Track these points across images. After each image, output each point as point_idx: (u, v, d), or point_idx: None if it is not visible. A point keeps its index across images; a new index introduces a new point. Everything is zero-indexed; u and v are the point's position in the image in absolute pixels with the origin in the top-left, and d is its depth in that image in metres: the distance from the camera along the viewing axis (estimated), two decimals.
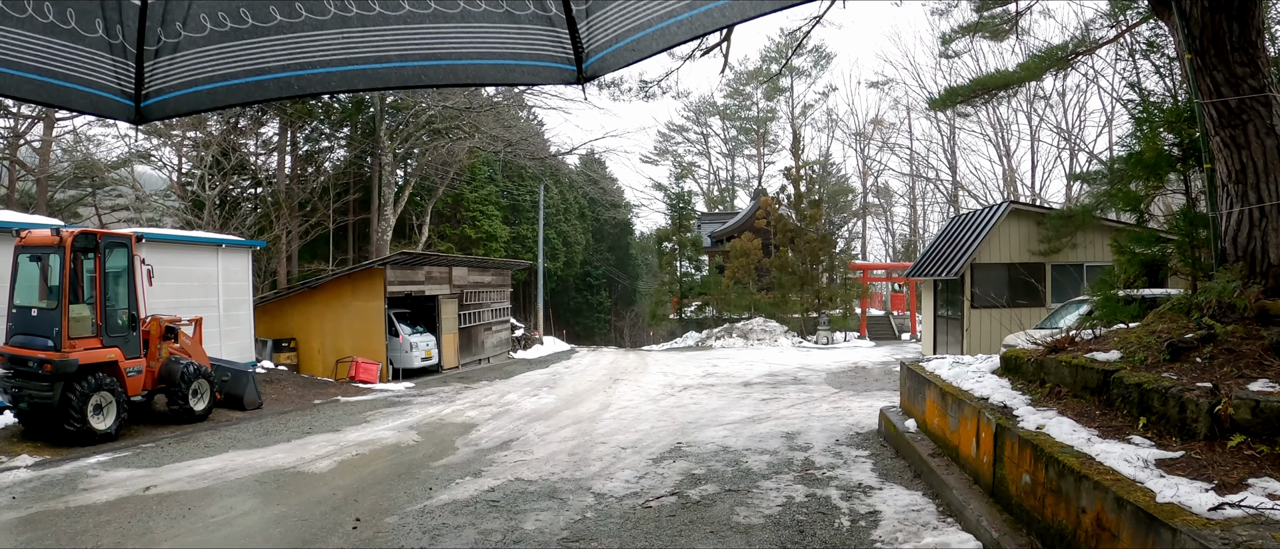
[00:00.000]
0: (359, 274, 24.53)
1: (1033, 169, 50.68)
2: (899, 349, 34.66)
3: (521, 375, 25.04)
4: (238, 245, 22.04)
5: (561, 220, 54.46)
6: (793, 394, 18.10)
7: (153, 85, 3.66)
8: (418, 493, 9.44)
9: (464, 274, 29.22)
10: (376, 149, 36.47)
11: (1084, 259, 22.23)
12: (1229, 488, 4.89)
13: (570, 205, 57.05)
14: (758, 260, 43.04)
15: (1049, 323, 17.36)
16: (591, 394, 19.32)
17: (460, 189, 44.04)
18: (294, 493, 9.72)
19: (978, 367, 10.32)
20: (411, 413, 16.68)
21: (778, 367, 25.64)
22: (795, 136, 46.97)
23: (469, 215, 44.85)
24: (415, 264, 25.85)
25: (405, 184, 39.94)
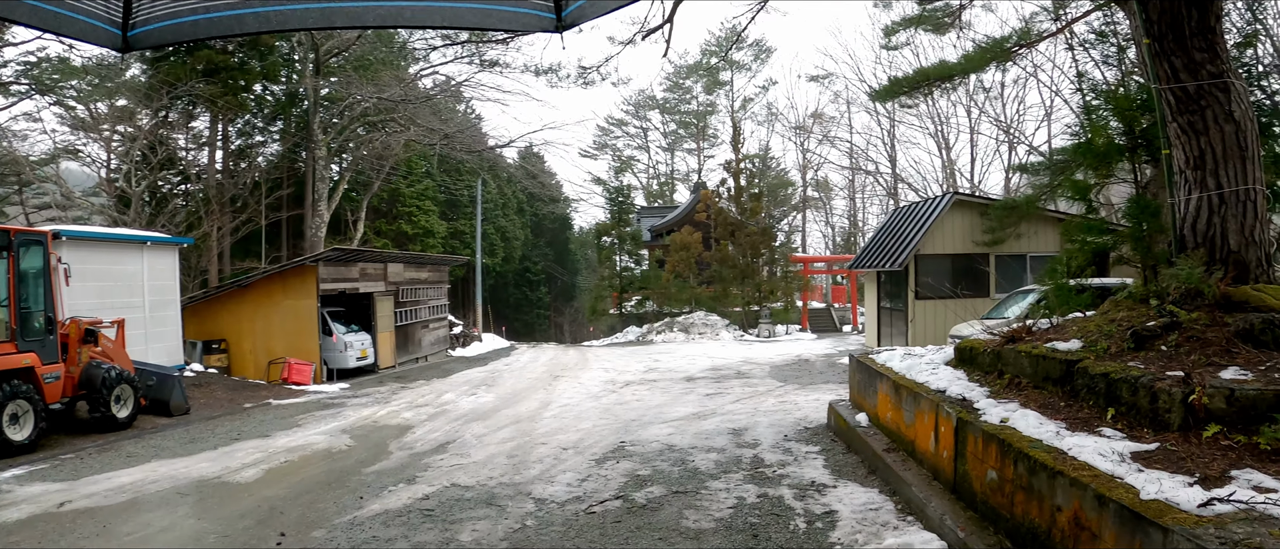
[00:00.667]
0: (290, 272, 23.73)
1: (972, 162, 51.40)
2: (841, 341, 34.57)
3: (460, 374, 24.44)
4: (164, 242, 21.15)
5: (500, 215, 53.87)
6: (737, 389, 17.78)
7: (139, 15, 3.79)
8: (348, 503, 8.87)
9: (400, 271, 28.51)
10: (310, 143, 35.56)
11: (1028, 249, 22.23)
12: (1213, 481, 4.62)
13: (509, 200, 56.45)
14: (698, 254, 42.80)
15: (996, 313, 17.26)
16: (531, 392, 18.81)
17: (396, 184, 43.23)
18: (217, 506, 9.08)
19: (931, 358, 10.05)
20: (345, 415, 16.01)
21: (720, 361, 25.37)
22: (735, 129, 46.78)
23: (405, 211, 44.06)
24: (349, 260, 25.10)
25: (340, 179, 39.01)
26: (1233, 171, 7.48)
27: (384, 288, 26.94)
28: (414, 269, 30.05)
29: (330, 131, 36.59)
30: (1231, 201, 7.47)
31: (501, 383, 21.20)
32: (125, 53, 4.00)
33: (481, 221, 45.79)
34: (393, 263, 28.07)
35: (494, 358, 31.00)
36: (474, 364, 28.28)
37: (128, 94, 31.77)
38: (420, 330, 30.16)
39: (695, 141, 74.27)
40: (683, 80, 73.36)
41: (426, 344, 30.65)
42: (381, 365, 26.08)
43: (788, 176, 68.05)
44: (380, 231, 42.89)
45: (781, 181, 65.72)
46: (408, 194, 44.00)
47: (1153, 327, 6.87)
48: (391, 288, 27.51)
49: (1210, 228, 7.56)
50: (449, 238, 47.31)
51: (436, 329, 32.13)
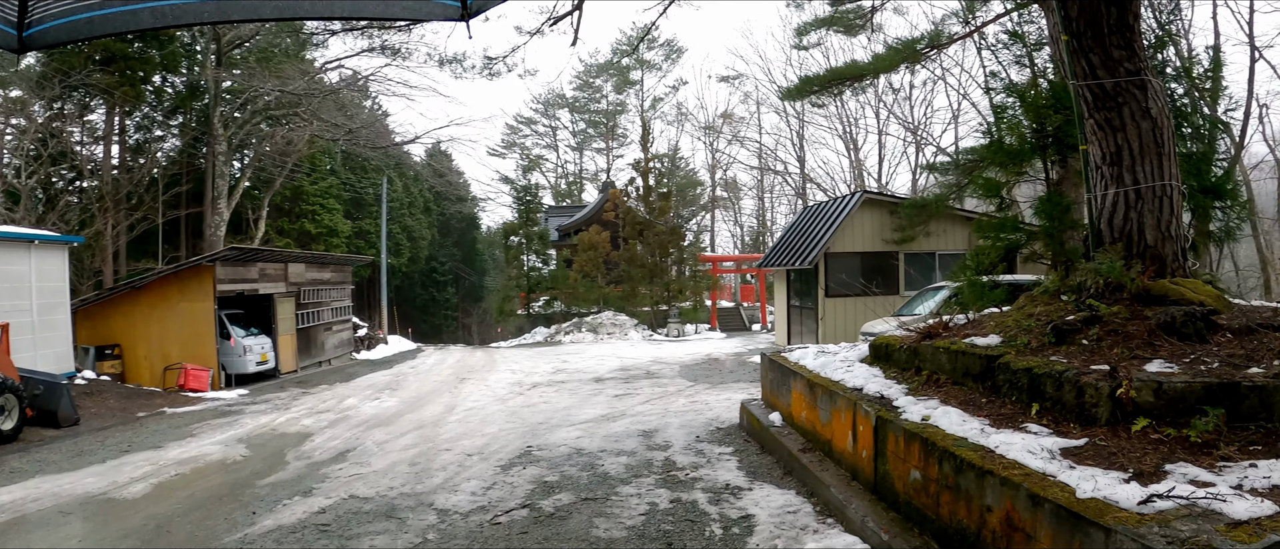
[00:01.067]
0: (186, 272, 22.63)
1: (880, 162, 51.88)
2: (750, 340, 34.58)
3: (364, 377, 23.66)
4: (54, 241, 19.87)
5: (406, 214, 52.83)
6: (647, 389, 17.46)
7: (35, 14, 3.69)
8: (239, 519, 8.22)
9: (301, 271, 27.58)
10: (210, 137, 34.27)
11: (937, 247, 22.38)
12: (1148, 477, 4.42)
13: (415, 199, 55.43)
14: (606, 253, 42.47)
15: (907, 309, 17.27)
16: (436, 396, 18.19)
17: (300, 181, 41.95)
18: (102, 525, 8.35)
19: (845, 355, 9.86)
20: (242, 423, 15.15)
21: (629, 361, 25.06)
22: (645, 128, 46.64)
23: (308, 209, 42.82)
24: (248, 260, 24.13)
25: (241, 175, 37.72)
26: (1149, 168, 7.46)
27: (285, 289, 26.02)
28: (316, 269, 29.12)
29: (231, 126, 35.29)
30: (1148, 197, 7.44)
31: (406, 386, 20.55)
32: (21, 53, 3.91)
33: (387, 221, 44.79)
34: (294, 263, 27.13)
35: (399, 360, 30.19)
36: (379, 367, 27.48)
37: (19, 83, 30.30)
38: (323, 333, 29.24)
39: (605, 141, 73.92)
40: (593, 79, 73.02)
41: (330, 347, 29.73)
42: (283, 370, 25.14)
43: (696, 176, 68.31)
44: (282, 231, 41.63)
45: (690, 181, 65.84)
46: (311, 192, 42.78)
47: (1073, 321, 6.75)
48: (293, 289, 26.58)
49: (1127, 223, 7.52)
50: (354, 237, 46.19)
51: (340, 331, 31.21)
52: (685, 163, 68.86)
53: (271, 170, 39.05)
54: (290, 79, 34.57)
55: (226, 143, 34.53)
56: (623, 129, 73.49)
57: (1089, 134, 7.82)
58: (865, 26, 21.20)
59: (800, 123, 56.24)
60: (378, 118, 48.59)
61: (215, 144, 33.94)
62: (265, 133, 37.89)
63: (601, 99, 73.60)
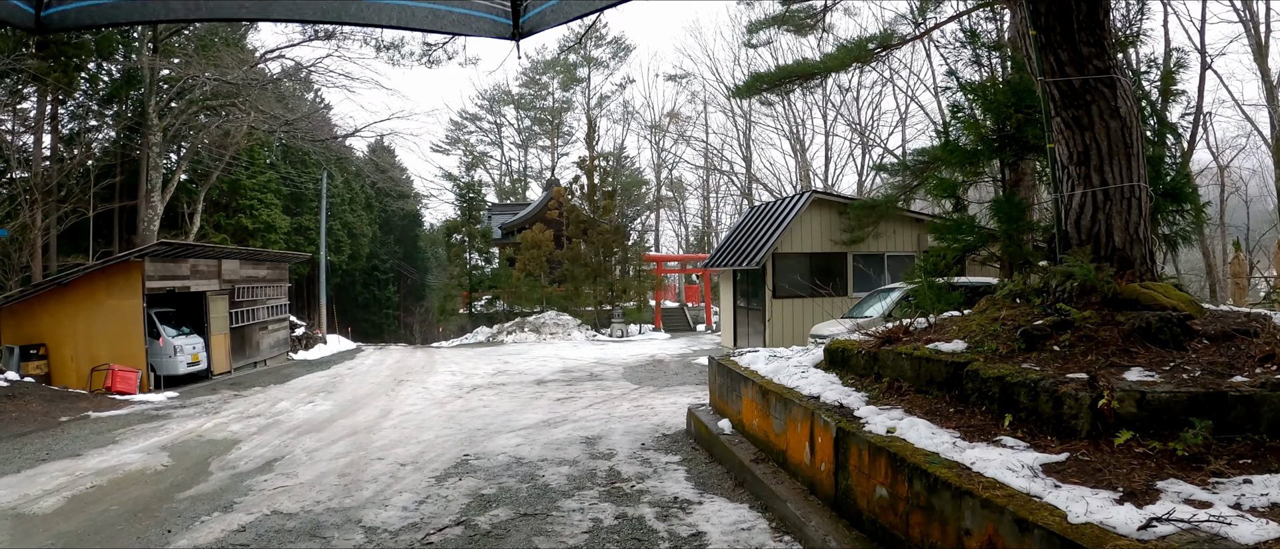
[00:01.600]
0: (114, 268, 21.61)
1: (827, 164, 52.01)
2: (695, 341, 34.23)
3: (299, 379, 22.87)
4: None
5: (346, 211, 51.69)
6: (590, 392, 16.95)
7: None
8: (153, 537, 7.48)
9: (235, 268, 26.67)
10: (145, 127, 33.05)
11: (885, 249, 22.20)
12: (1141, 497, 4.05)
13: (356, 195, 54.31)
14: (550, 252, 41.80)
15: (857, 312, 17.00)
16: (372, 399, 17.51)
17: (237, 175, 40.79)
18: (6, 543, 7.83)
19: (800, 360, 9.48)
20: (168, 429, 14.27)
21: (573, 363, 24.54)
22: (591, 126, 45.99)
23: (246, 204, 41.58)
24: (179, 256, 23.18)
25: (176, 168, 36.49)
26: (1118, 168, 7.19)
27: (218, 286, 25.12)
28: (252, 266, 28.19)
29: (167, 115, 34.06)
30: (1116, 198, 7.17)
31: (342, 389, 19.85)
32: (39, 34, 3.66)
33: (328, 217, 43.84)
34: (228, 259, 26.19)
35: (338, 361, 29.37)
36: (316, 368, 26.65)
37: None
38: (259, 332, 28.34)
39: (550, 139, 73.21)
40: (539, 76, 72.15)
41: (266, 347, 28.83)
42: (216, 371, 24.22)
43: (642, 176, 67.87)
44: (219, 226, 40.38)
45: (635, 181, 65.41)
46: (249, 186, 41.51)
47: (1042, 325, 6.41)
48: (226, 286, 25.68)
49: (1095, 224, 7.23)
50: (293, 233, 45.02)
51: (276, 331, 30.28)
52: (630, 162, 68.56)
53: (208, 163, 37.83)
54: (229, 68, 33.47)
55: (161, 133, 33.34)
56: (568, 127, 72.93)
57: (1056, 133, 7.51)
58: (816, 26, 20.96)
59: (747, 123, 56.18)
60: (319, 111, 47.39)
61: (149, 135, 32.72)
62: (202, 124, 36.70)
63: (547, 96, 72.86)
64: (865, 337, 8.61)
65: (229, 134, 36.18)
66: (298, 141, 39.46)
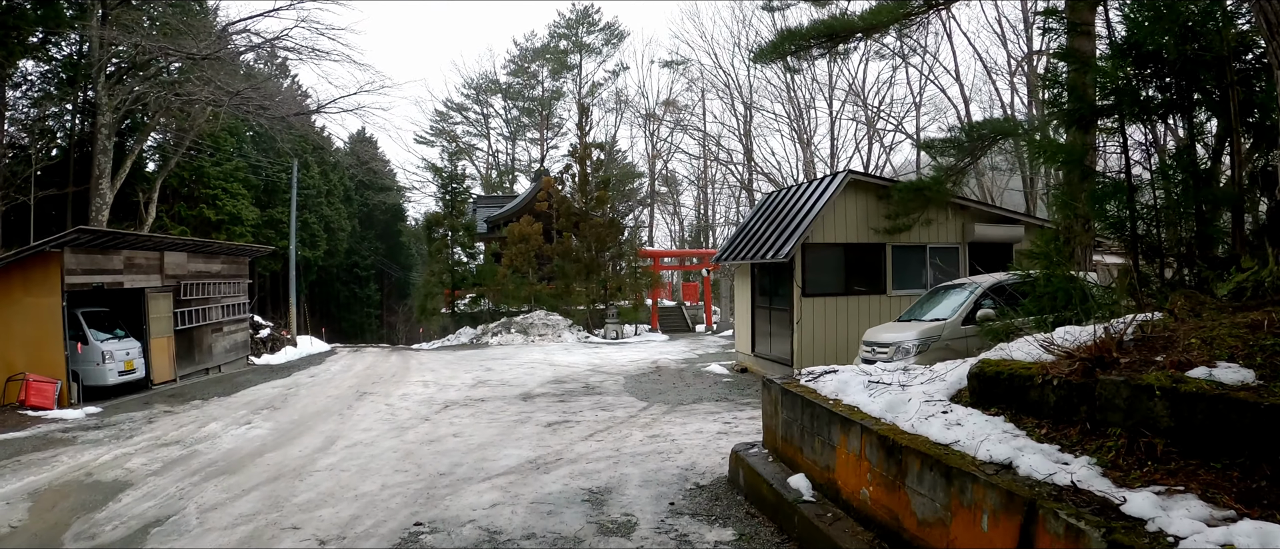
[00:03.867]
0: (31, 261, 18.19)
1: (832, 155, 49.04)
2: (697, 343, 31.21)
3: (250, 390, 19.56)
4: None
5: (323, 203, 48.37)
6: (588, 412, 13.77)
7: None
8: None
9: (182, 261, 23.32)
10: (95, 106, 29.59)
11: (927, 240, 19.14)
12: None
13: (334, 187, 51.03)
14: (539, 247, 38.50)
15: (918, 313, 13.96)
16: (322, 420, 14.24)
17: (201, 162, 37.53)
18: None
19: (924, 388, 6.33)
20: (58, 463, 10.99)
21: (565, 369, 21.48)
22: (583, 111, 42.88)
23: (210, 194, 38.32)
24: (108, 246, 19.80)
25: (130, 151, 33.00)
26: None
27: (160, 283, 21.80)
28: (203, 259, 24.84)
29: (118, 93, 30.51)
30: None
31: (292, 404, 16.62)
32: None
33: (302, 210, 40.59)
34: (173, 251, 22.80)
35: (302, 367, 26.06)
36: (275, 375, 23.32)
37: None
38: (211, 335, 25.03)
39: (539, 130, 69.91)
40: (528, 64, 68.88)
41: (220, 352, 25.52)
42: (157, 380, 20.90)
43: (635, 169, 64.73)
44: (180, 217, 37.02)
45: (628, 173, 62.29)
46: (213, 174, 38.10)
47: None
48: (171, 282, 22.35)
49: None
50: (263, 227, 41.74)
51: (233, 333, 26.97)
52: (622, 156, 65.32)
53: (167, 146, 34.64)
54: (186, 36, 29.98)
55: (111, 113, 29.91)
56: (558, 118, 69.71)
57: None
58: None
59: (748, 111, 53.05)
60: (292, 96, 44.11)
61: (100, 115, 29.38)
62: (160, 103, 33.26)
63: (537, 85, 69.58)
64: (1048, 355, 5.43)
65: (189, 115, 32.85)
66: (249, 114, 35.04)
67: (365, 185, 58.18)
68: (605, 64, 68.73)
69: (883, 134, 46.42)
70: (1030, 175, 32.12)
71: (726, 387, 17.29)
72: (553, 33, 67.51)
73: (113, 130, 29.98)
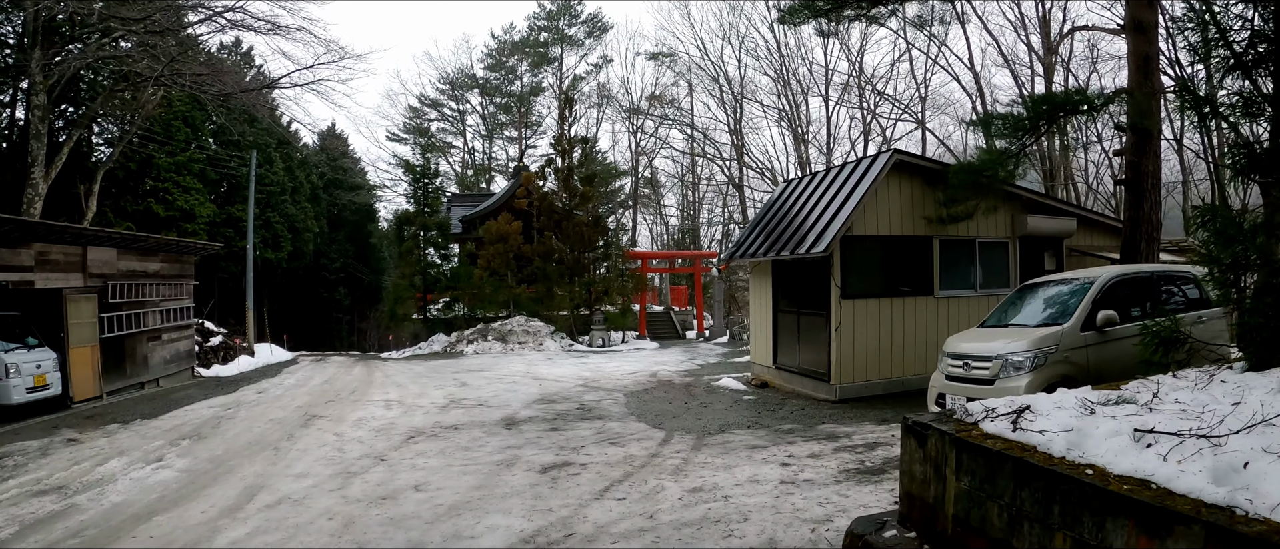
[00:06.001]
0: None
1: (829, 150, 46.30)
2: (691, 351, 28.32)
3: (181, 411, 16.29)
4: None
5: (287, 201, 44.94)
6: (593, 448, 10.77)
7: None
8: None
9: (111, 258, 20.04)
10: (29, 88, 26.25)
11: (976, 233, 16.28)
12: None
13: (300, 184, 47.57)
14: (518, 247, 35.31)
15: (1011, 316, 11.14)
16: (250, 457, 11.12)
17: (150, 151, 34.18)
18: None
19: (1250, 442, 3.45)
20: None
21: (552, 384, 18.50)
22: (566, 100, 39.78)
23: (160, 187, 35.01)
24: (14, 238, 16.80)
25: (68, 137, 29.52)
26: None
27: (83, 283, 18.55)
28: (138, 257, 21.54)
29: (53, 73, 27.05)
30: None
31: (224, 431, 13.47)
32: None
33: (265, 208, 37.33)
34: (97, 245, 19.50)
35: (253, 380, 22.77)
36: (220, 391, 20.04)
37: None
38: (147, 344, 21.76)
39: (517, 128, 66.77)
40: (506, 59, 65.74)
41: (158, 363, 22.23)
42: (77, 397, 17.65)
43: (618, 168, 61.85)
44: (125, 212, 33.71)
45: (609, 173, 59.33)
46: (164, 166, 34.78)
47: None
48: (96, 283, 19.11)
49: None
50: (221, 225, 38.31)
51: (175, 341, 23.68)
52: (603, 155, 62.29)
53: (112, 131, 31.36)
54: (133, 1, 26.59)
55: (45, 94, 26.51)
56: (537, 115, 66.63)
57: None
58: None
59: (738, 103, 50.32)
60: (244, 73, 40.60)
61: (34, 95, 26.02)
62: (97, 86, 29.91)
63: (515, 80, 66.45)
64: None
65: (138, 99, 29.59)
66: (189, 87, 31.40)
67: (334, 184, 54.90)
68: (588, 57, 65.70)
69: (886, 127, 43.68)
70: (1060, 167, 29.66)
71: (753, 408, 14.34)
72: (532, 25, 64.54)
73: (46, 112, 26.65)
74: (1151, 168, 14.47)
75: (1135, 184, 14.44)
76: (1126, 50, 15.08)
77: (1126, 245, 14.58)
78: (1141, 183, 14.35)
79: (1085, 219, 18.39)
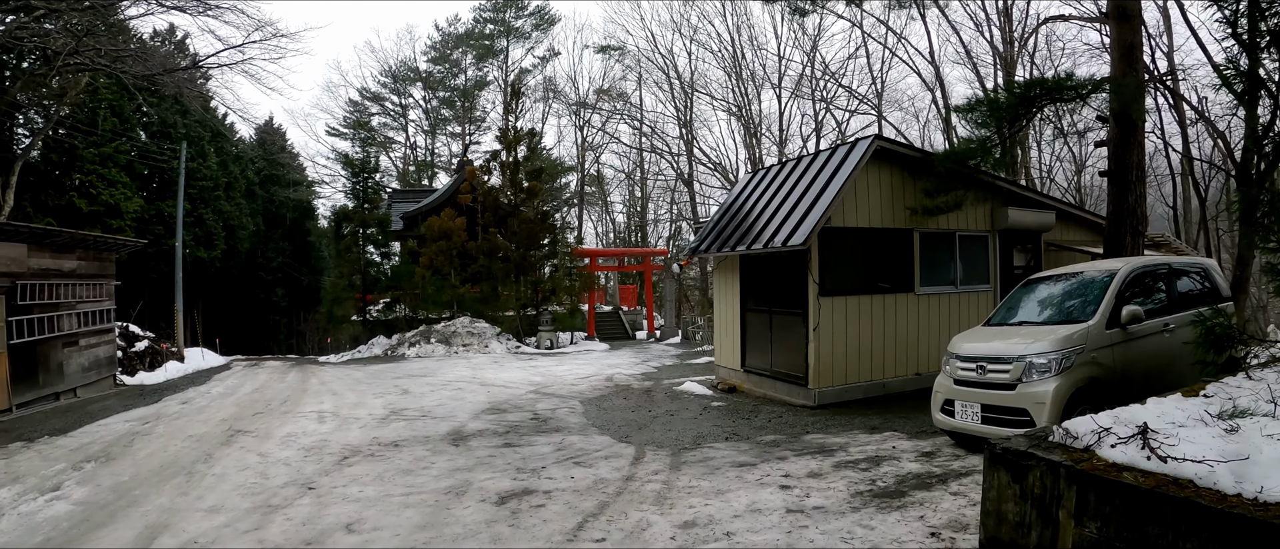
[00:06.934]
0: None
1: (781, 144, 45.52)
2: (644, 352, 27.14)
3: (93, 426, 14.44)
4: None
5: (221, 197, 42.83)
6: (556, 469, 9.46)
7: None
8: None
9: (19, 255, 18.12)
10: None
11: (956, 226, 15.28)
12: None
13: (236, 179, 45.39)
14: (462, 244, 33.75)
15: (1022, 314, 10.20)
16: (158, 485, 9.57)
17: (76, 142, 32.11)
18: None
19: None
20: None
21: (501, 391, 17.17)
22: (514, 91, 38.12)
23: (84, 180, 32.97)
24: None
25: None
26: None
27: None
28: (51, 254, 19.66)
29: None
30: None
31: (135, 451, 11.88)
32: None
33: (199, 204, 35.40)
34: (3, 241, 17.86)
35: (180, 388, 20.96)
36: (141, 401, 18.22)
37: None
38: (63, 350, 19.93)
39: (461, 124, 65.01)
40: (450, 52, 63.95)
41: (75, 371, 20.36)
42: None
43: (563, 164, 60.57)
44: (46, 207, 31.69)
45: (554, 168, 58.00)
46: (88, 157, 32.70)
47: None
48: (4, 282, 17.20)
49: None
50: (151, 222, 36.20)
51: (94, 347, 21.80)
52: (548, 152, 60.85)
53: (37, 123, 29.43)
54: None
55: None
56: (481, 110, 64.95)
57: None
58: None
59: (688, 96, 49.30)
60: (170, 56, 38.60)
61: None
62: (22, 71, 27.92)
63: (459, 74, 64.72)
64: None
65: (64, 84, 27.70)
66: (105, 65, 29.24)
67: (272, 179, 52.83)
68: (535, 50, 64.27)
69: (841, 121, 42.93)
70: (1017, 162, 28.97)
71: (725, 416, 13.15)
72: (478, 17, 62.92)
73: None
74: (1136, 159, 13.91)
75: (1120, 176, 13.81)
76: (1110, 38, 14.52)
77: (1110, 240, 13.95)
78: (1126, 175, 13.75)
79: (1064, 213, 17.70)
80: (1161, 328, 9.45)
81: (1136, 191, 13.79)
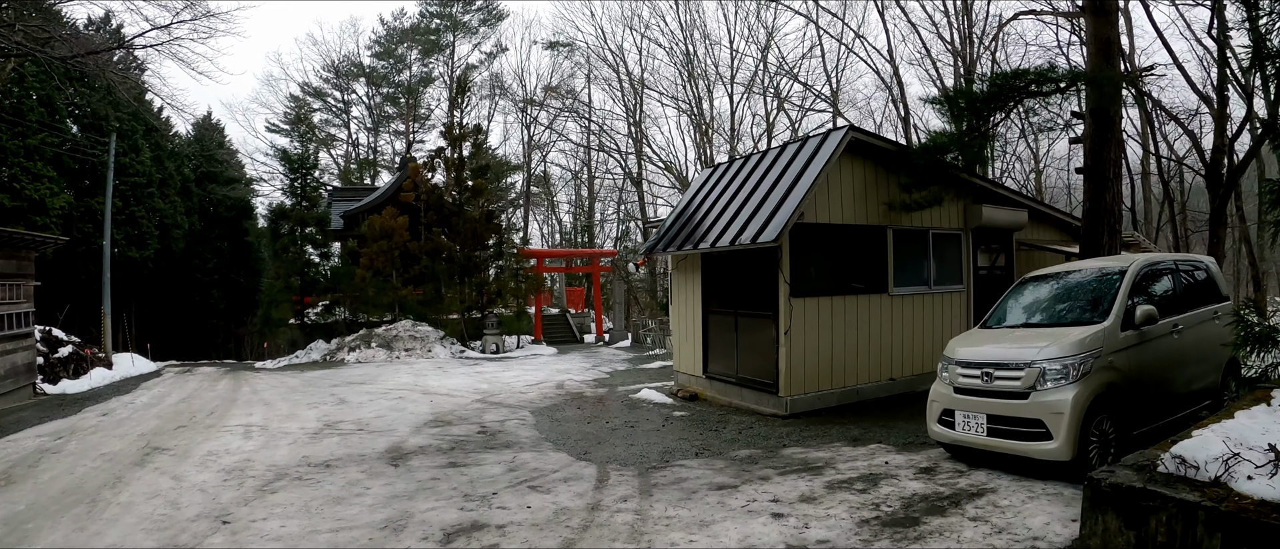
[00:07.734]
0: None
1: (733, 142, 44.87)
2: (593, 357, 26.19)
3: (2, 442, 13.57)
4: None
5: (154, 194, 41.13)
6: (509, 496, 8.39)
7: None
8: None
9: None
10: None
11: (930, 224, 14.51)
12: None
13: (170, 176, 43.55)
14: (404, 244, 32.40)
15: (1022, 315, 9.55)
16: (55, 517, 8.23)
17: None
18: None
19: None
20: None
21: (445, 400, 16.10)
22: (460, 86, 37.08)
23: (10, 174, 31.18)
24: None
25: None
26: None
27: None
28: None
29: None
30: None
31: (39, 474, 10.33)
32: None
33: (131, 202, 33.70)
34: None
35: (103, 397, 19.36)
36: (59, 413, 16.63)
37: None
38: None
39: (405, 121, 63.33)
40: (395, 47, 62.25)
41: None
42: None
43: (509, 163, 59.37)
44: None
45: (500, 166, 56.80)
46: (14, 149, 30.92)
47: None
48: None
49: None
50: (80, 219, 34.32)
51: (10, 353, 20.02)
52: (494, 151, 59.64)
53: None
54: None
55: None
56: (426, 107, 63.45)
57: None
58: None
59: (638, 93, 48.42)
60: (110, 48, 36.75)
61: None
62: None
63: (404, 70, 63.16)
64: None
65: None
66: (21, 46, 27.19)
67: (209, 177, 50.92)
68: (481, 46, 63.03)
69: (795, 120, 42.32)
70: None
71: (691, 427, 12.20)
72: (425, 10, 61.52)
73: None
74: (1114, 156, 13.59)
75: (1097, 173, 13.40)
76: (1086, 33, 14.49)
77: (1088, 238, 13.52)
78: (1104, 172, 13.36)
79: (1036, 212, 17.09)
80: (1171, 329, 8.81)
81: (1114, 189, 13.47)
